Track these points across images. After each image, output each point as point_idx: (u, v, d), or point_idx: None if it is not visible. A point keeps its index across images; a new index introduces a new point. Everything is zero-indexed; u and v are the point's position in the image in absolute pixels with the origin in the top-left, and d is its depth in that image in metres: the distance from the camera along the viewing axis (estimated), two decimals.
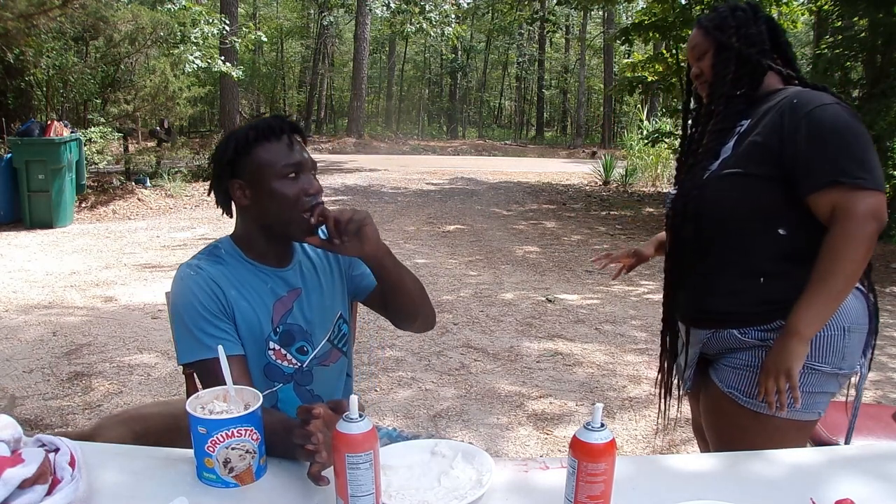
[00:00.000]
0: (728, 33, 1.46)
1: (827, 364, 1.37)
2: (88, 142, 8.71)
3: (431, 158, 16.82)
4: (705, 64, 1.50)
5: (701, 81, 1.53)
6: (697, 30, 1.52)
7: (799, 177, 1.33)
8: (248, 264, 1.37)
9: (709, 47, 1.49)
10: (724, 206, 1.41)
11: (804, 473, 1.18)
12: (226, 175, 1.34)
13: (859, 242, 1.28)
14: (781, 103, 1.37)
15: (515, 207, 9.56)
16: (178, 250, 6.31)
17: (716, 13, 1.50)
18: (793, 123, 1.33)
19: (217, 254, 1.37)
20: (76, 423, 2.84)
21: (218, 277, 1.31)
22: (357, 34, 20.25)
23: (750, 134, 1.40)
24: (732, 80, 1.46)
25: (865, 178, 1.28)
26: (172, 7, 10.13)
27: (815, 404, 1.40)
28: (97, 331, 4.01)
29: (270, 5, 27.71)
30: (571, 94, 29.52)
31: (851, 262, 1.29)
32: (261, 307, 1.35)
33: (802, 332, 1.31)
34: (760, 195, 1.37)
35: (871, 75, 7.43)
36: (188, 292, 1.29)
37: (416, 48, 30.53)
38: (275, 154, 1.30)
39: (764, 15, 1.49)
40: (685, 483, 1.13)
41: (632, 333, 4.21)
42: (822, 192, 1.31)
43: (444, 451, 1.17)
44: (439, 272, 5.66)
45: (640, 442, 2.83)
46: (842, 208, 1.29)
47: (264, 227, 1.35)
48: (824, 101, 1.34)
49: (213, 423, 1.06)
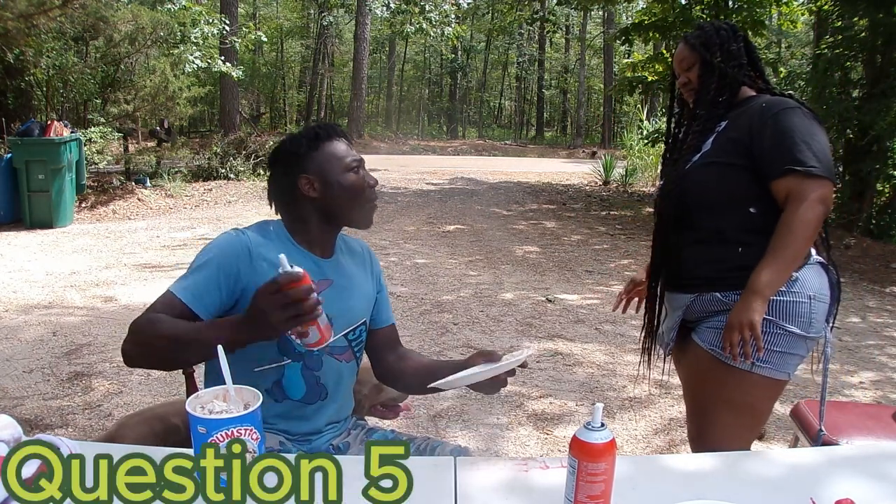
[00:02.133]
0: (713, 50, 1.72)
1: (796, 326, 1.58)
2: (88, 142, 8.71)
3: (431, 158, 16.83)
4: (693, 75, 1.75)
5: (688, 89, 1.78)
6: (685, 45, 1.76)
7: (763, 167, 1.60)
8: (292, 246, 1.46)
9: (695, 61, 1.74)
10: (705, 188, 1.67)
11: (804, 473, 1.18)
12: (296, 170, 1.44)
13: (808, 222, 1.54)
14: (753, 107, 1.66)
15: (515, 207, 9.56)
16: (178, 250, 6.31)
17: (701, 31, 1.75)
18: (760, 123, 1.62)
19: (266, 230, 1.46)
20: (76, 423, 2.85)
21: (256, 246, 1.39)
22: (357, 34, 20.25)
23: (726, 132, 1.67)
24: (715, 90, 1.72)
25: (816, 167, 1.54)
26: (172, 7, 10.12)
27: (786, 364, 1.60)
28: (97, 331, 4.01)
29: (270, 5, 27.72)
30: (571, 94, 29.52)
31: (801, 238, 1.54)
32: None
33: (761, 290, 1.54)
34: (734, 180, 1.64)
35: (871, 75, 7.43)
36: (220, 246, 1.39)
37: (416, 48, 30.54)
38: (340, 151, 1.45)
39: (741, 34, 1.77)
40: (685, 483, 1.13)
41: (632, 333, 4.21)
42: (780, 179, 1.57)
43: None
44: (439, 272, 5.66)
45: (640, 442, 2.84)
46: (794, 192, 1.55)
47: (326, 216, 1.47)
48: (787, 106, 1.62)
49: (213, 422, 1.06)
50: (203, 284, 1.34)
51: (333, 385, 1.48)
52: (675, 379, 3.45)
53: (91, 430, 2.80)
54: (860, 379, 3.59)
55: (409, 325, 4.21)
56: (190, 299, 1.33)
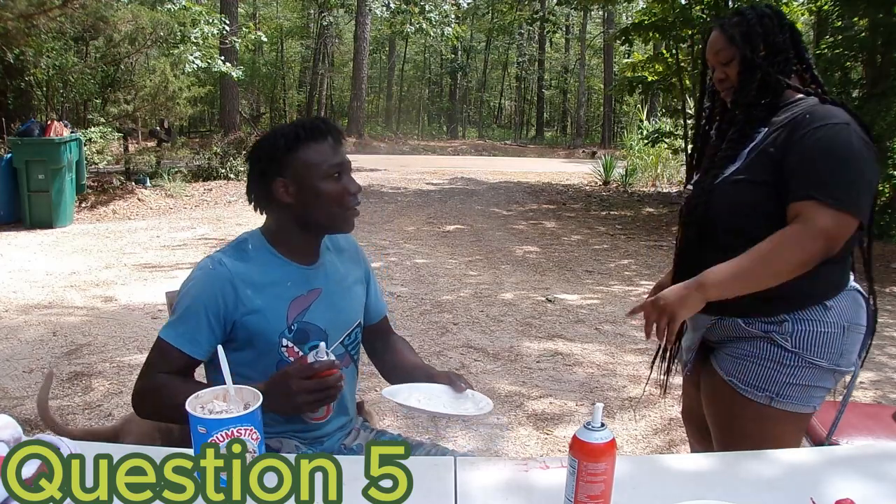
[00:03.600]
0: (755, 44, 1.46)
1: (825, 360, 1.42)
2: (88, 142, 8.71)
3: (431, 158, 16.83)
4: (731, 71, 1.50)
5: (725, 87, 1.54)
6: (721, 35, 1.50)
7: (787, 185, 1.39)
8: (274, 258, 1.40)
9: (734, 56, 1.49)
10: (734, 209, 1.46)
11: (804, 473, 1.18)
12: (271, 172, 1.36)
13: (800, 251, 1.34)
14: (795, 117, 1.42)
15: (515, 207, 9.56)
16: (178, 250, 6.31)
17: (741, 19, 1.49)
18: (797, 137, 1.39)
19: (244, 248, 1.40)
20: (76, 423, 2.84)
21: (236, 275, 1.35)
22: (357, 34, 20.24)
23: (764, 143, 1.45)
24: (757, 91, 1.48)
25: (841, 199, 1.32)
26: (172, 7, 10.12)
27: (810, 398, 1.44)
28: (97, 331, 4.01)
29: (270, 5, 27.68)
30: (571, 94, 29.52)
31: (784, 263, 1.34)
32: (277, 304, 1.37)
33: (707, 289, 1.38)
34: (765, 200, 1.42)
35: (871, 75, 7.43)
36: (201, 285, 1.35)
37: (416, 48, 30.53)
38: (320, 154, 1.35)
39: (788, 22, 1.50)
40: (685, 483, 1.13)
41: (632, 333, 4.21)
42: (797, 203, 1.36)
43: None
44: (439, 272, 5.66)
45: (640, 442, 2.84)
46: (804, 216, 1.35)
47: (302, 223, 1.39)
48: (832, 121, 1.37)
49: (213, 422, 1.05)
50: (194, 328, 1.33)
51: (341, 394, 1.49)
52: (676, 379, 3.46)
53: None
54: (860, 379, 3.58)
55: (409, 325, 4.21)
56: (187, 346, 1.33)
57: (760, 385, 1.44)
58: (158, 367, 1.34)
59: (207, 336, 1.33)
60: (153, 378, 1.34)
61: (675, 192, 10.81)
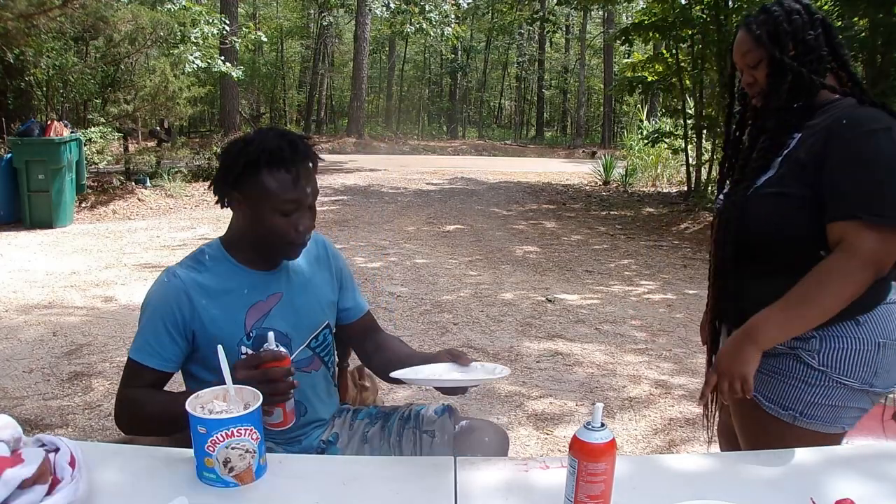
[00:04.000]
0: (783, 43, 1.35)
1: (855, 379, 1.32)
2: (88, 142, 8.71)
3: (431, 158, 16.82)
4: (760, 74, 1.40)
5: (755, 91, 1.43)
6: (747, 35, 1.39)
7: (826, 203, 1.28)
8: (232, 266, 1.40)
9: (762, 58, 1.38)
10: (766, 224, 1.36)
11: (804, 473, 1.18)
12: (228, 184, 1.35)
13: (850, 284, 1.25)
14: (832, 122, 1.31)
15: (515, 207, 9.56)
16: (178, 250, 6.31)
17: (768, 16, 1.38)
18: (834, 146, 1.28)
19: (201, 259, 1.40)
20: (76, 423, 2.85)
21: (190, 287, 1.35)
22: (357, 34, 20.24)
23: (797, 152, 1.34)
24: (788, 94, 1.37)
25: (888, 216, 1.22)
26: (172, 7, 10.12)
27: (839, 418, 1.35)
28: (97, 331, 4.01)
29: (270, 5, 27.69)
30: (571, 94, 29.52)
31: (833, 298, 1.26)
32: (233, 312, 1.37)
33: (760, 342, 1.31)
34: (800, 218, 1.32)
35: (871, 75, 7.42)
36: (157, 298, 1.36)
37: (416, 48, 30.52)
38: (278, 185, 1.29)
39: (820, 17, 1.39)
40: (685, 483, 1.13)
41: (632, 333, 4.21)
42: (840, 223, 1.26)
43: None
44: (439, 272, 5.66)
45: (640, 442, 2.83)
46: (847, 241, 1.24)
47: (252, 239, 1.38)
48: (874, 126, 1.26)
49: (213, 422, 1.06)
50: (156, 342, 1.33)
51: (308, 398, 1.47)
52: (675, 379, 3.47)
53: (91, 430, 2.80)
54: None
55: (409, 325, 4.21)
56: (153, 362, 1.33)
57: (784, 403, 1.36)
58: (130, 383, 1.36)
59: (171, 348, 1.34)
60: (122, 393, 1.35)
61: (675, 192, 10.81)
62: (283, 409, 1.27)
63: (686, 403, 3.18)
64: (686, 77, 9.49)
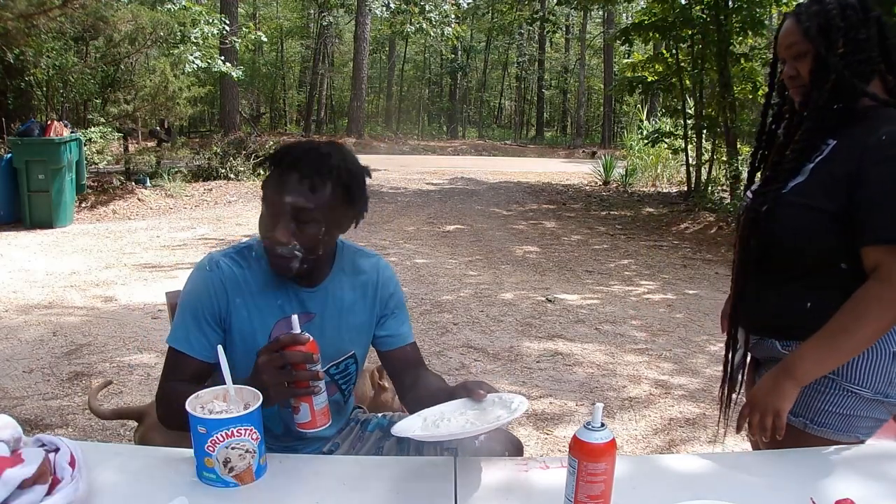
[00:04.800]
0: (832, 40, 1.27)
1: (868, 389, 1.28)
2: (88, 142, 8.71)
3: (431, 158, 16.82)
4: (803, 68, 1.31)
5: (796, 85, 1.35)
6: (796, 26, 1.30)
7: (860, 224, 1.23)
8: (270, 274, 1.34)
9: (808, 50, 1.29)
10: (792, 237, 1.31)
11: (804, 473, 1.18)
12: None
13: (888, 311, 1.20)
14: (868, 136, 1.23)
15: (515, 207, 9.56)
16: (178, 250, 6.31)
17: (820, 7, 1.28)
18: (871, 163, 1.21)
19: (246, 254, 1.36)
20: (76, 423, 2.85)
21: (229, 281, 1.32)
22: (357, 34, 20.24)
23: (831, 161, 1.28)
24: (830, 93, 1.29)
25: None
26: (172, 7, 10.12)
27: (853, 427, 1.32)
28: (97, 331, 4.01)
29: (270, 5, 27.68)
30: (571, 94, 29.52)
31: (873, 326, 1.21)
32: (261, 321, 1.34)
33: (798, 377, 1.27)
34: (828, 234, 1.28)
35: None
36: (196, 286, 1.34)
37: (416, 48, 30.52)
38: (269, 183, 1.26)
39: (876, 15, 1.29)
40: (685, 483, 1.13)
41: (632, 333, 4.21)
42: (875, 248, 1.21)
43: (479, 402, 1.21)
44: (439, 272, 5.66)
45: (640, 442, 2.83)
46: (886, 269, 1.20)
47: None
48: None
49: (213, 422, 1.06)
50: (196, 331, 1.31)
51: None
52: (675, 379, 3.47)
53: (91, 429, 2.80)
54: None
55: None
56: (190, 349, 1.31)
57: (795, 410, 1.31)
58: (171, 374, 1.33)
59: (212, 336, 1.32)
60: (163, 387, 1.33)
61: (675, 192, 10.81)
62: (309, 405, 1.17)
63: (686, 403, 3.18)
64: (686, 77, 9.49)
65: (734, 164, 8.65)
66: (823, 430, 1.31)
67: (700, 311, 4.70)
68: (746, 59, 9.00)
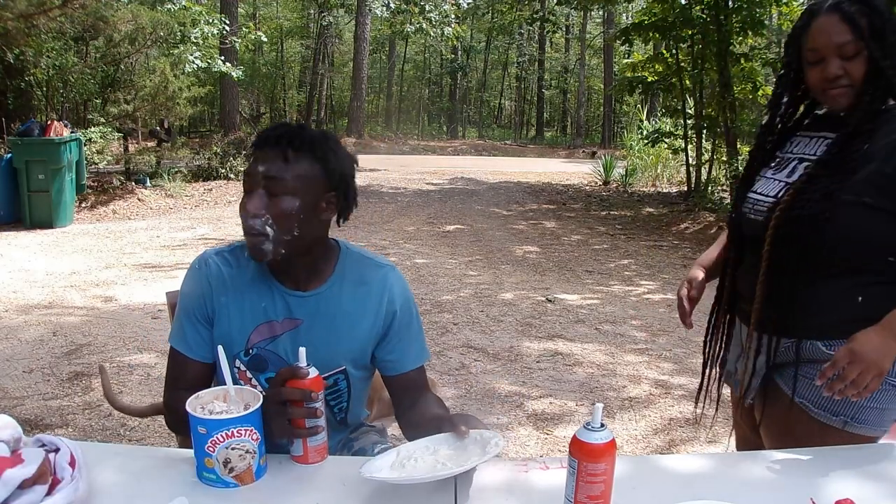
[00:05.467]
0: (888, 44, 1.23)
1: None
2: (88, 142, 8.71)
3: (431, 158, 16.82)
4: (855, 69, 1.25)
5: (841, 86, 1.28)
6: (843, 22, 1.24)
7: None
8: (262, 273, 1.31)
9: (860, 50, 1.24)
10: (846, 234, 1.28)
11: (804, 473, 1.18)
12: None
13: None
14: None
15: (515, 207, 9.56)
16: (178, 250, 6.31)
17: (866, 5, 1.24)
18: None
19: (237, 254, 1.33)
20: (76, 423, 2.84)
21: (215, 279, 1.30)
22: (357, 34, 20.24)
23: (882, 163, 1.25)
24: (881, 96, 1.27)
25: None
26: (172, 7, 10.12)
27: (883, 421, 1.32)
28: (97, 331, 4.01)
29: (270, 5, 27.67)
30: (571, 94, 29.51)
31: None
32: (241, 323, 1.30)
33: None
34: (886, 229, 1.27)
35: None
36: (188, 284, 1.34)
37: (416, 48, 30.52)
38: (252, 162, 1.23)
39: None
40: (685, 483, 1.13)
41: (632, 333, 4.22)
42: None
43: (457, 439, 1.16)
44: (439, 272, 5.66)
45: (640, 442, 2.83)
46: None
47: None
48: None
49: (213, 423, 1.06)
50: (191, 330, 1.31)
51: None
52: (675, 379, 3.47)
53: (91, 429, 2.80)
54: None
55: None
56: (192, 350, 1.31)
57: (836, 409, 1.30)
58: (172, 375, 1.33)
59: (204, 335, 1.31)
60: (168, 393, 1.33)
61: (675, 192, 10.81)
62: (303, 443, 1.14)
63: (686, 403, 3.18)
64: (686, 77, 9.49)
65: (734, 164, 8.65)
66: (862, 427, 1.30)
67: (700, 311, 4.69)
68: (746, 59, 9.00)
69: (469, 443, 1.13)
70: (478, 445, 1.12)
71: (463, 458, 1.11)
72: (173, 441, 2.73)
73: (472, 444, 1.13)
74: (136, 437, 2.76)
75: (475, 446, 1.12)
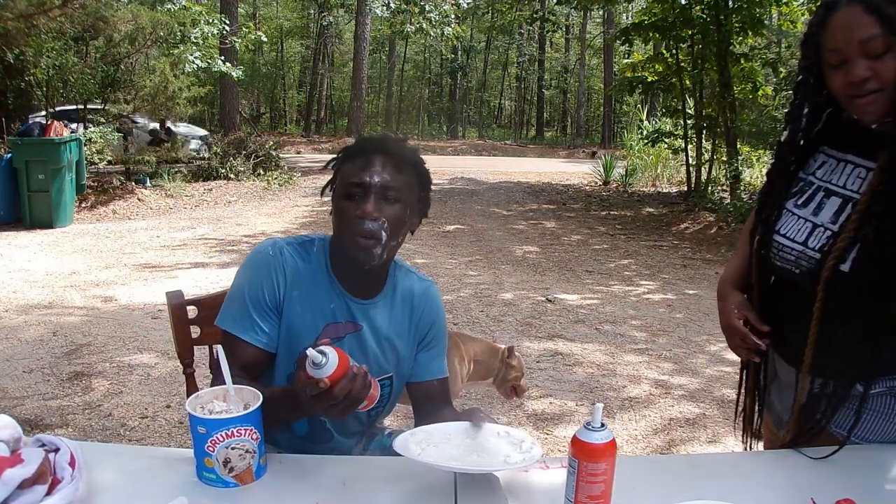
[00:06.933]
0: None
1: None
2: (88, 142, 8.71)
3: (431, 158, 16.67)
4: (886, 69, 1.05)
5: (868, 90, 1.07)
6: (869, 15, 1.04)
7: None
8: (326, 276, 1.32)
9: (890, 46, 1.04)
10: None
11: (804, 473, 1.17)
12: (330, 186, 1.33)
13: None
14: None
15: (515, 207, 9.56)
16: (178, 250, 6.31)
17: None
18: None
19: (308, 249, 1.33)
20: (76, 423, 2.85)
21: (290, 270, 1.29)
22: (357, 34, 20.23)
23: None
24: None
25: None
26: (172, 7, 10.13)
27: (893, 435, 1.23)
28: (97, 331, 4.01)
29: (270, 5, 27.69)
30: (571, 94, 29.52)
31: None
32: (311, 321, 1.30)
33: None
34: None
35: None
36: (259, 269, 1.29)
37: (416, 48, 30.52)
38: (350, 171, 1.26)
39: None
40: (685, 483, 1.13)
41: (632, 333, 4.22)
42: None
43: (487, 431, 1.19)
44: (439, 272, 5.66)
45: (640, 442, 2.84)
46: None
47: (335, 238, 1.31)
48: None
49: (213, 422, 1.06)
50: (256, 315, 1.27)
51: (341, 430, 1.39)
52: (675, 379, 3.47)
53: (91, 429, 2.80)
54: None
55: None
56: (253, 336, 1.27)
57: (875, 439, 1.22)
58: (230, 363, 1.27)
59: (268, 322, 1.28)
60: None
61: (675, 192, 10.81)
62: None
63: (686, 403, 3.19)
64: (686, 77, 9.49)
65: (734, 164, 8.65)
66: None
67: (700, 311, 4.70)
68: (746, 59, 9.00)
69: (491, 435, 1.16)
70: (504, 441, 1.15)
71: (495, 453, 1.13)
72: (173, 441, 2.74)
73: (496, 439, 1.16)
74: (136, 437, 2.76)
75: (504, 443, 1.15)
